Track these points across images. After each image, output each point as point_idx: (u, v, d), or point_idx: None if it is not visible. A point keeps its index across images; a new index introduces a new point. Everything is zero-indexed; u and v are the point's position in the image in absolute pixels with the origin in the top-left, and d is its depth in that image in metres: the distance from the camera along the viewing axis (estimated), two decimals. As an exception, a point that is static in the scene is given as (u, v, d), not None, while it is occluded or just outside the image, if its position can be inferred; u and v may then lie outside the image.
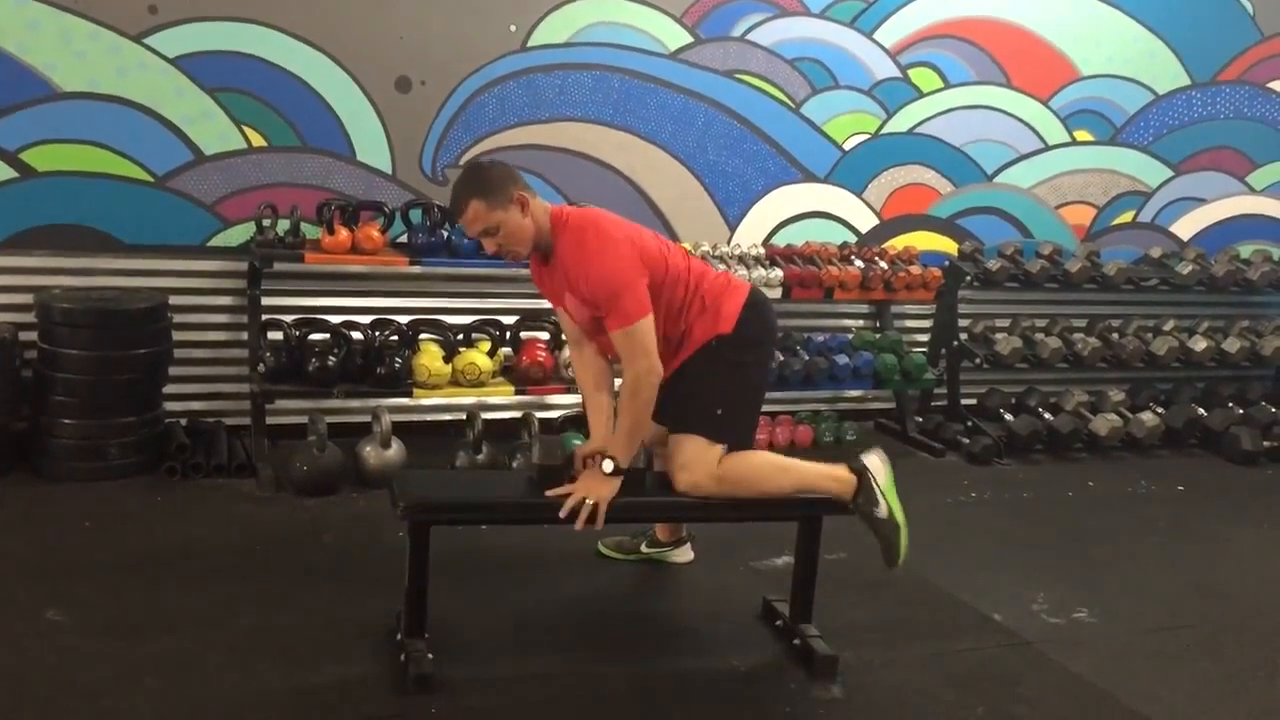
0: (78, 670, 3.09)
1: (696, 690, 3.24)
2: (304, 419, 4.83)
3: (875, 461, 3.37)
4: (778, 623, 3.61)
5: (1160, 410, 6.29)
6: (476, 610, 3.62)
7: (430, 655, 3.15)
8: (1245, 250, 6.91)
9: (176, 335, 4.93)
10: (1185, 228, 6.99)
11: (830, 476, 3.32)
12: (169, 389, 4.95)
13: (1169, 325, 6.54)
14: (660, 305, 3.22)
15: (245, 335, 5.06)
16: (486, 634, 3.49)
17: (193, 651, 3.25)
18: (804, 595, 3.51)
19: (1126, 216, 6.84)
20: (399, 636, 3.29)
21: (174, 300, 4.95)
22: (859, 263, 5.82)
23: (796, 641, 3.46)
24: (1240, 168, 7.03)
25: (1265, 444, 6.13)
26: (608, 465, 3.18)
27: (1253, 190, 7.09)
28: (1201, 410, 6.36)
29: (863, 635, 3.01)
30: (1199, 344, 6.35)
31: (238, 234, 5.11)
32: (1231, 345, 6.42)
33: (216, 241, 5.11)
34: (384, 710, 3.01)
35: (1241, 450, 6.06)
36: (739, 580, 4.00)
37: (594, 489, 3.17)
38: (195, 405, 5.15)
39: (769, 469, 3.33)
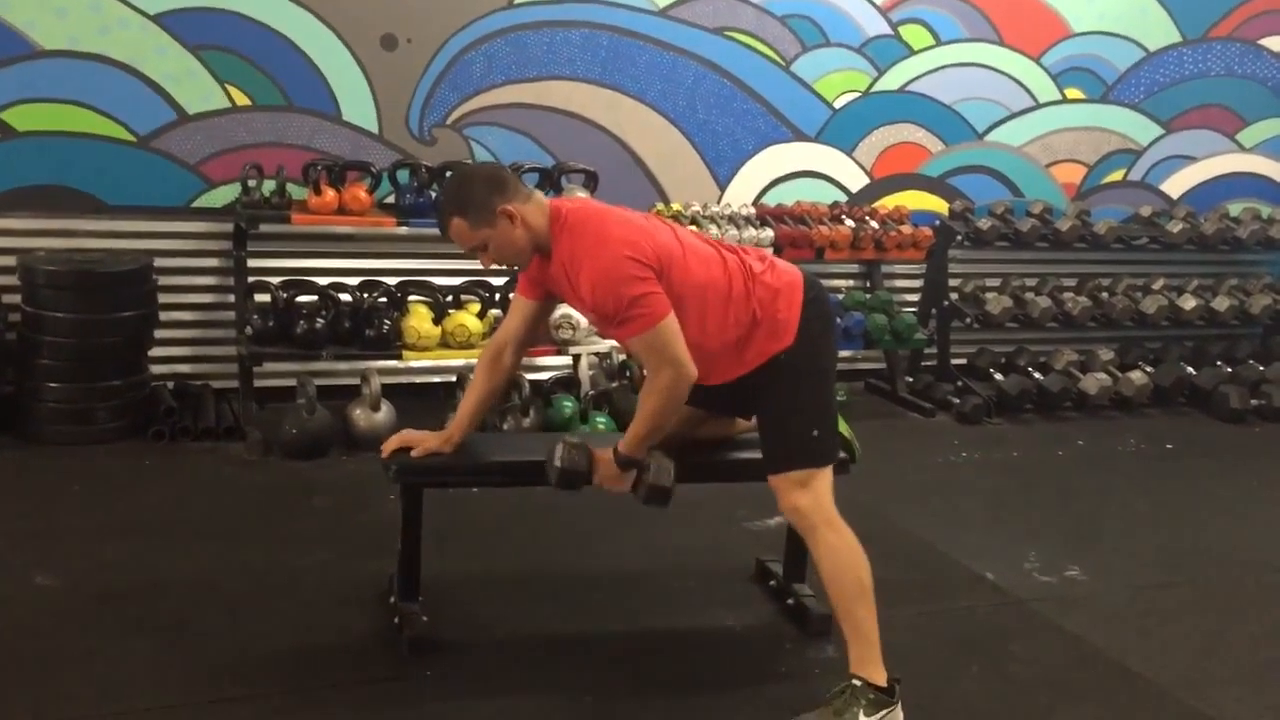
0: (69, 635, 3.07)
1: (692, 650, 3.25)
2: (292, 382, 4.80)
3: (900, 715, 2.81)
4: (771, 583, 3.61)
5: (1149, 369, 6.29)
6: (470, 572, 3.62)
7: (425, 618, 3.15)
8: (1235, 208, 6.90)
9: (162, 297, 4.88)
10: (1175, 186, 6.97)
11: (875, 648, 2.82)
12: (155, 352, 4.91)
13: (1158, 284, 6.53)
14: (695, 315, 2.80)
15: (231, 297, 5.01)
16: (480, 596, 3.49)
17: (185, 615, 3.23)
18: (798, 555, 3.50)
19: (1117, 175, 6.82)
20: (392, 599, 3.28)
21: (159, 262, 4.90)
22: (850, 222, 5.79)
23: (790, 601, 3.46)
24: (1230, 125, 7.00)
25: (1253, 402, 6.14)
26: (621, 461, 2.91)
27: (1242, 148, 7.07)
28: (1190, 369, 6.37)
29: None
30: (1188, 302, 6.35)
31: (222, 195, 5.05)
32: (1220, 304, 6.42)
33: (201, 202, 5.06)
34: (380, 673, 2.99)
35: (1230, 409, 6.07)
36: (732, 540, 4.00)
37: (620, 484, 2.95)
38: (182, 368, 5.11)
39: (860, 575, 2.83)
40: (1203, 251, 6.67)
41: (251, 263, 4.96)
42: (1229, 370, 6.41)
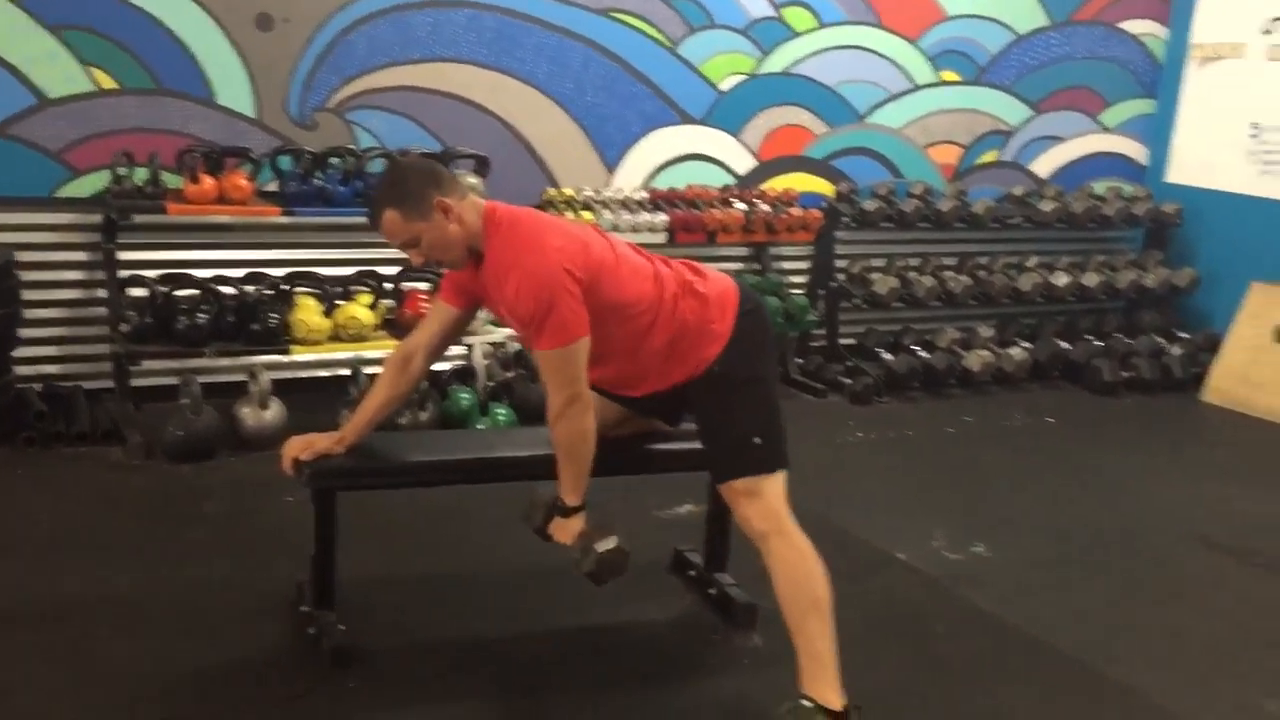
0: (-47, 664, 2.86)
1: (619, 646, 3.20)
2: (169, 380, 4.60)
3: None
4: (691, 573, 3.58)
5: (1026, 345, 6.48)
6: (379, 577, 3.48)
7: (342, 627, 3.02)
8: (1099, 187, 7.14)
9: (24, 294, 4.58)
10: (1044, 166, 7.18)
11: (830, 668, 2.69)
12: (19, 352, 4.60)
13: (1032, 261, 6.73)
14: (625, 325, 2.76)
15: (102, 292, 4.73)
16: (394, 601, 3.36)
17: (80, 635, 3.04)
18: (718, 544, 3.49)
19: (990, 156, 6.98)
20: (304, 608, 3.14)
21: (20, 256, 4.59)
22: (740, 205, 5.78)
23: (713, 591, 3.44)
24: (1094, 106, 7.24)
25: (1123, 374, 6.38)
26: (560, 510, 2.88)
27: (1105, 128, 7.32)
28: (1064, 344, 6.58)
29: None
30: (1060, 279, 6.55)
31: (89, 184, 4.77)
32: (1090, 279, 6.64)
33: (65, 192, 4.76)
34: (301, 686, 2.86)
35: (1102, 381, 6.29)
36: (645, 531, 3.92)
37: (563, 536, 2.89)
38: (49, 369, 4.81)
39: (814, 588, 2.74)
40: (1072, 229, 6.88)
41: (123, 255, 4.69)
42: (1099, 344, 6.65)
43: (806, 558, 2.76)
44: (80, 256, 4.78)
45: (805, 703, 2.65)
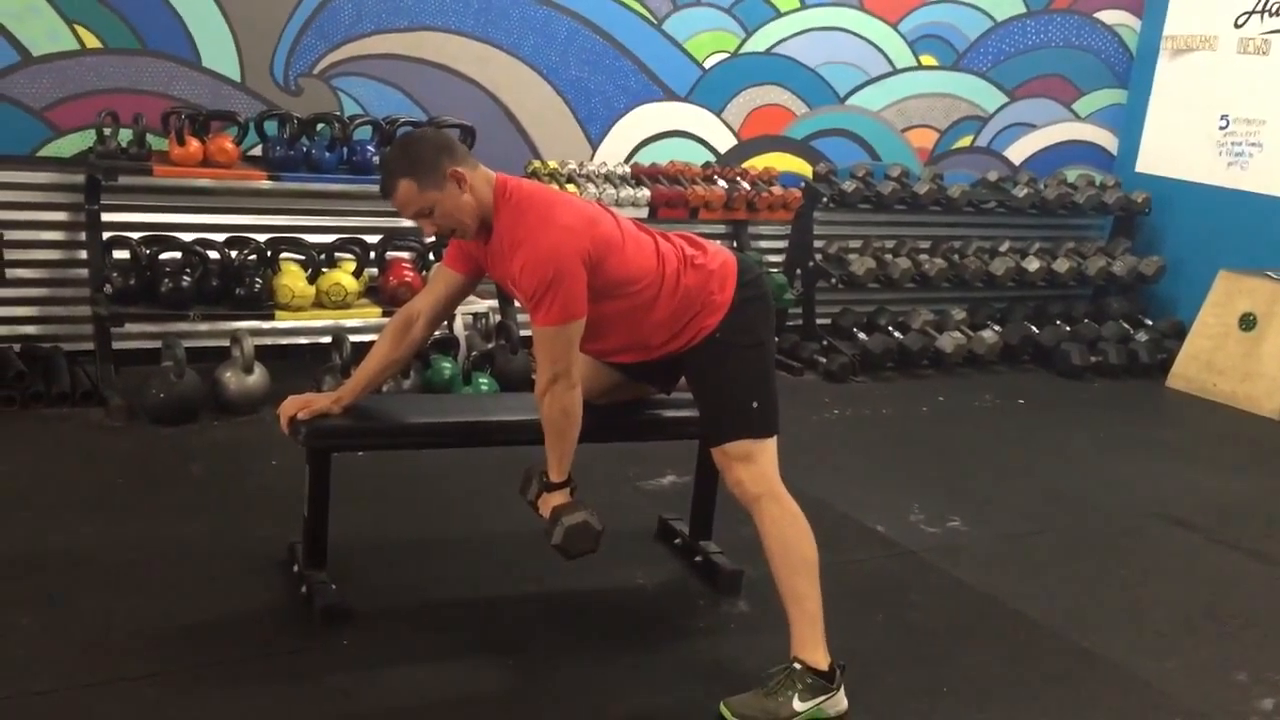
0: (-57, 616, 2.86)
1: (608, 610, 3.25)
2: (150, 344, 4.58)
3: (843, 700, 2.75)
4: (676, 541, 3.63)
5: (998, 328, 6.59)
6: (367, 539, 3.50)
7: (333, 586, 3.05)
8: (1070, 175, 7.25)
9: (4, 254, 4.54)
10: (1017, 152, 7.27)
11: (818, 629, 2.78)
12: (-2, 312, 4.58)
13: (1004, 246, 6.82)
14: (631, 299, 2.81)
15: (83, 254, 4.70)
16: (383, 562, 3.39)
17: (68, 590, 3.05)
18: (704, 513, 3.55)
19: (965, 140, 7.06)
20: (295, 568, 3.17)
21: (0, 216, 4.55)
22: (722, 183, 5.83)
23: (698, 559, 3.49)
24: (1067, 95, 7.34)
25: (1091, 359, 6.49)
26: (546, 486, 2.93)
27: (1078, 117, 7.42)
28: (1034, 328, 6.69)
29: (758, 551, 3.00)
30: (1032, 264, 6.66)
31: (71, 144, 4.73)
32: (1061, 265, 6.75)
33: (47, 151, 4.72)
34: (293, 645, 2.89)
35: (1071, 365, 6.40)
36: (629, 501, 4.00)
37: (544, 510, 2.94)
38: (28, 330, 4.77)
39: (804, 549, 2.83)
40: (1043, 216, 6.99)
41: (105, 217, 4.66)
42: (1068, 329, 6.76)
43: (797, 520, 2.83)
44: (61, 217, 4.74)
45: (795, 665, 2.72)
